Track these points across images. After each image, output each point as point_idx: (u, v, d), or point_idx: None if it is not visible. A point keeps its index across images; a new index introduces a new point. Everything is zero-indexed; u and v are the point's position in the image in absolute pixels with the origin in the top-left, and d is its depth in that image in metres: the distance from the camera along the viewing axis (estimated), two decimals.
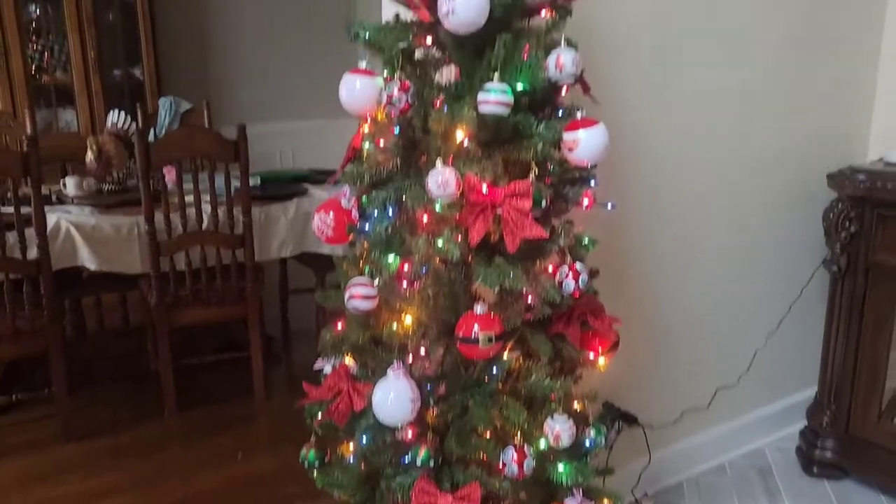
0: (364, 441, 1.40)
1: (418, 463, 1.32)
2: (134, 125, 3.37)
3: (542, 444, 1.36)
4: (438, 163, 1.25)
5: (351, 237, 1.43)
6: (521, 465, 1.30)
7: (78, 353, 3.45)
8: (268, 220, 3.15)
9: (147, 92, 4.74)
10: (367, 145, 1.43)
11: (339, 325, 1.46)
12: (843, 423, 2.49)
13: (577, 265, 1.33)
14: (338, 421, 1.40)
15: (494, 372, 1.35)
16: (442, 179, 1.24)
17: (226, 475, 2.63)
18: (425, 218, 1.28)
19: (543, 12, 1.34)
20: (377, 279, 1.34)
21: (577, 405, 1.46)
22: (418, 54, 1.35)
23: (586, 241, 1.38)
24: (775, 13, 2.34)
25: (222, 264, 3.00)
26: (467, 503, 1.31)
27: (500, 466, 1.32)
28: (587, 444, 1.44)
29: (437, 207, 1.27)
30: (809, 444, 2.58)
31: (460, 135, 1.26)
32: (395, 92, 1.25)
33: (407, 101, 1.25)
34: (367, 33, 1.35)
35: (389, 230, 1.35)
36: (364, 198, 1.39)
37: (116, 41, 4.68)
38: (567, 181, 1.39)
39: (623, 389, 2.02)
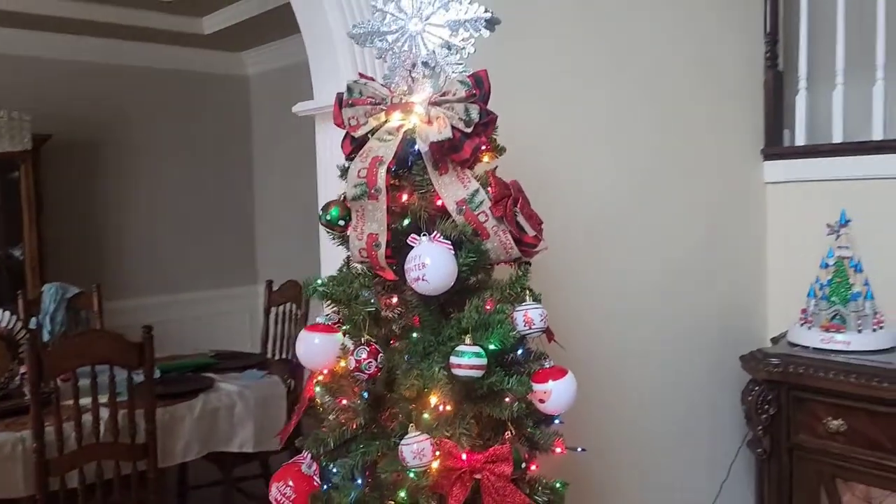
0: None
1: None
2: (19, 324, 3.11)
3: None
4: (411, 430, 1.19)
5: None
6: None
7: None
8: (172, 421, 2.92)
9: (27, 273, 4.46)
10: (322, 396, 1.35)
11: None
12: None
13: None
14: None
15: None
16: (417, 448, 1.17)
17: None
18: (399, 491, 1.19)
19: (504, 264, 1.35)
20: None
21: None
22: (383, 313, 1.31)
23: (561, 489, 1.33)
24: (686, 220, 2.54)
25: (121, 475, 2.72)
26: None
27: None
28: None
29: (412, 475, 1.19)
30: None
31: (434, 400, 1.20)
32: (364, 357, 1.19)
33: (376, 366, 1.20)
34: (324, 287, 1.30)
35: (356, 502, 1.25)
36: (326, 463, 1.29)
37: None
38: (535, 422, 1.35)
39: None
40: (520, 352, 1.36)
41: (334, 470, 1.26)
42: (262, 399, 3.18)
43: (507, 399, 1.23)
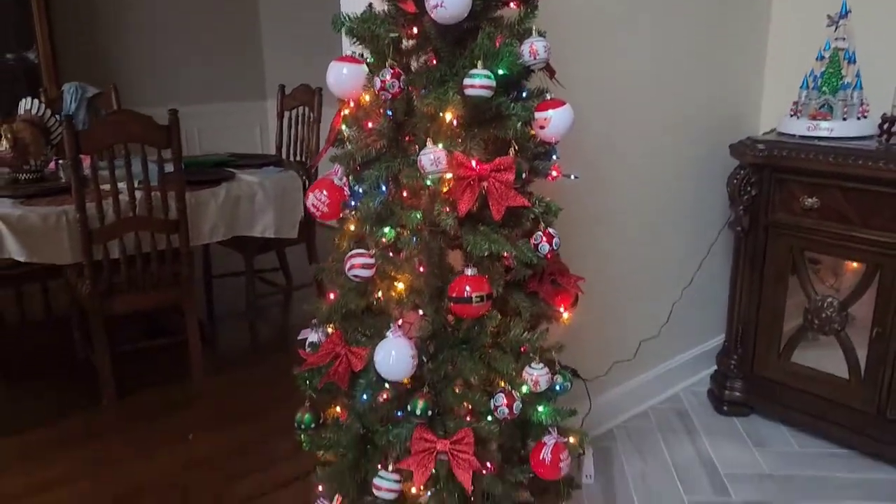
0: (364, 398, 1.52)
1: (417, 412, 1.46)
2: (49, 111, 3.27)
3: (524, 390, 1.53)
4: (429, 142, 1.38)
5: (341, 214, 1.54)
6: (511, 408, 1.47)
7: None
8: (198, 206, 3.15)
9: (44, 76, 4.56)
10: (346, 128, 1.53)
11: (332, 296, 1.57)
12: (748, 365, 2.82)
13: (550, 230, 1.50)
14: (340, 382, 1.51)
15: (480, 328, 1.50)
16: (434, 157, 1.37)
17: (177, 458, 2.66)
18: (419, 192, 1.41)
19: (513, 4, 1.49)
20: (373, 249, 1.46)
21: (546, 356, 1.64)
22: (404, 43, 1.46)
23: (553, 208, 1.55)
24: (685, 7, 2.61)
25: (157, 249, 2.99)
26: (463, 446, 1.46)
27: (493, 410, 1.48)
28: (557, 388, 1.62)
29: (429, 182, 1.40)
30: (720, 385, 2.90)
31: (448, 116, 1.39)
32: (388, 78, 1.36)
33: (399, 86, 1.37)
34: (352, 23, 1.45)
35: (381, 206, 1.47)
36: (352, 177, 1.50)
37: (7, 24, 4.47)
38: (536, 156, 1.55)
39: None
40: (524, 94, 1.53)
41: (361, 183, 1.47)
42: (280, 190, 3.39)
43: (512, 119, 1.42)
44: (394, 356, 1.43)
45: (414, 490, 1.50)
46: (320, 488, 1.66)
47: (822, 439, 2.68)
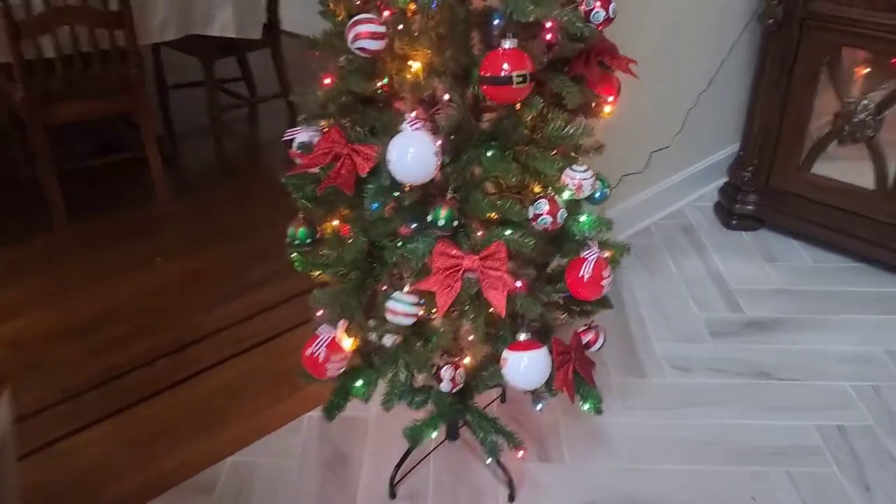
0: (375, 207, 1.25)
1: (440, 223, 1.20)
2: None
3: (566, 195, 1.27)
4: None
5: None
6: (554, 217, 1.22)
7: None
8: None
9: None
10: None
11: (328, 80, 1.25)
12: (764, 176, 2.61)
13: None
14: (344, 187, 1.23)
15: (515, 121, 1.22)
16: None
17: (146, 283, 2.41)
18: None
19: None
20: (384, 14, 1.13)
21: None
22: None
23: None
24: None
25: (98, 48, 2.57)
26: (494, 261, 1.23)
27: (531, 219, 1.23)
28: (597, 196, 1.37)
29: None
30: (730, 199, 2.70)
31: None
32: None
33: None
34: None
35: None
36: None
37: None
38: None
39: None
40: None
41: None
42: None
43: None
44: (412, 153, 1.15)
45: (436, 314, 1.27)
46: (320, 313, 1.43)
47: (837, 253, 2.54)
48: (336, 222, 1.40)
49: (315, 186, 1.32)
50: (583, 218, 1.31)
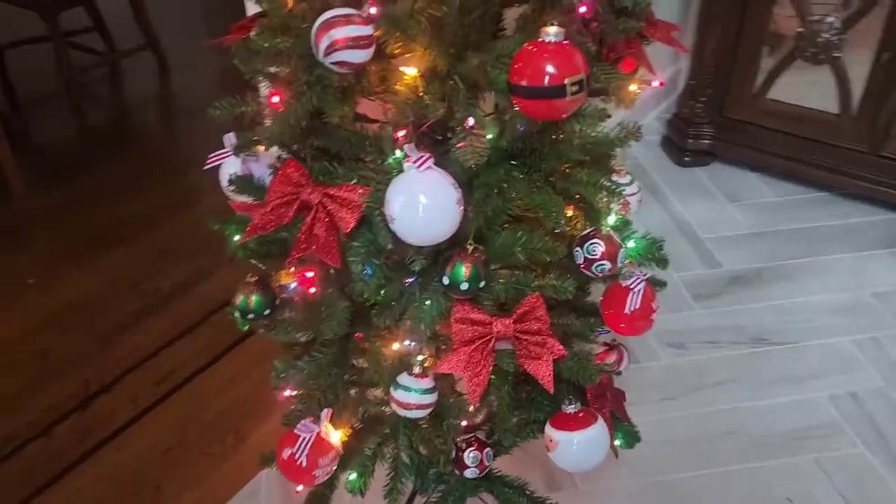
0: (368, 273, 0.90)
1: (463, 287, 0.87)
2: None
3: (611, 221, 0.97)
4: None
5: None
6: (613, 260, 0.91)
7: None
8: None
9: None
10: None
11: (276, 99, 0.85)
12: (717, 108, 2.39)
13: None
14: (326, 257, 0.86)
15: (541, 132, 0.88)
16: None
17: (12, 318, 1.93)
18: None
19: None
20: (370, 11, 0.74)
21: None
22: None
23: None
24: None
25: None
26: (533, 322, 0.92)
27: (582, 265, 0.92)
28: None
29: None
30: (681, 133, 2.47)
31: None
32: None
33: None
34: None
35: None
36: None
37: None
38: None
39: None
40: None
41: None
42: None
43: None
44: (425, 205, 0.80)
45: (470, 407, 0.96)
46: (286, 394, 1.07)
47: (797, 184, 2.38)
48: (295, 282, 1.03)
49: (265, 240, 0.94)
50: (631, 244, 1.01)
